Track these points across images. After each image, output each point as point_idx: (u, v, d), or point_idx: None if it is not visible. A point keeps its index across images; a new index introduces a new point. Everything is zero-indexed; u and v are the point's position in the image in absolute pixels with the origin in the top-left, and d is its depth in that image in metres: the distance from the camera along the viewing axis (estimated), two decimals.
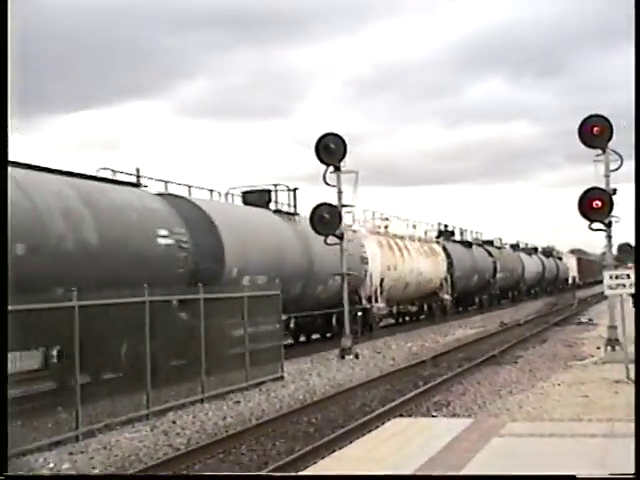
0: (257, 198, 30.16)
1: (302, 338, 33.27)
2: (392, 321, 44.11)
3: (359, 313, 35.26)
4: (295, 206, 31.98)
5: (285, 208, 31.18)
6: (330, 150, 28.55)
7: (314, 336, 33.75)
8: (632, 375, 18.52)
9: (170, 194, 24.21)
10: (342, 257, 28.93)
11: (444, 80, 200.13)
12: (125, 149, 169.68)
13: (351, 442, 12.36)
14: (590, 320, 41.81)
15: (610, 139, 24.63)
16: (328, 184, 28.98)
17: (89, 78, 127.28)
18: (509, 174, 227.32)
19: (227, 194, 29.12)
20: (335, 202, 29.01)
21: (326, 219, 28.41)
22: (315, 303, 29.37)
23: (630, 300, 28.50)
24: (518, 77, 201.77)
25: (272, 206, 30.61)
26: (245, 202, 30.13)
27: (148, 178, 23.36)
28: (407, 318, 46.85)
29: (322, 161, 28.76)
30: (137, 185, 22.66)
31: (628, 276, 20.40)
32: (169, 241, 21.38)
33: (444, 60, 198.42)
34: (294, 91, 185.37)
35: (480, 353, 28.12)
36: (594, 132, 24.56)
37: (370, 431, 13.22)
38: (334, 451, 11.76)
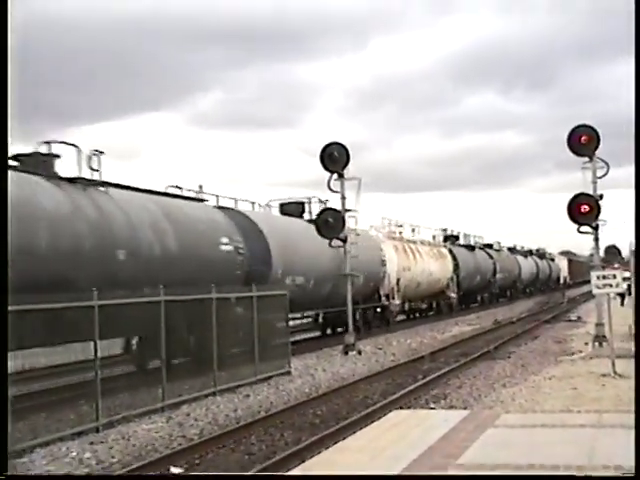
0: (293, 209, 33.06)
1: (329, 331, 35.56)
2: (403, 317, 45.00)
3: (378, 309, 38.15)
4: None
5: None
6: (334, 158, 28.65)
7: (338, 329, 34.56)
8: (618, 370, 18.60)
9: (225, 207, 27.08)
10: (346, 259, 29.02)
11: (440, 93, 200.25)
12: (144, 158, 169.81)
13: (354, 433, 12.37)
14: (579, 318, 41.73)
15: (597, 147, 24.72)
16: (332, 190, 29.08)
17: (111, 92, 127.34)
18: (502, 181, 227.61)
19: (267, 205, 32.05)
20: (339, 207, 29.10)
21: (330, 223, 28.51)
22: (342, 301, 30.54)
23: (618, 299, 28.66)
24: (510, 90, 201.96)
25: (306, 216, 32.88)
26: (282, 212, 32.87)
27: (202, 193, 26.59)
28: (417, 314, 48.00)
29: (327, 168, 28.82)
30: (201, 200, 26.01)
31: (614, 276, 20.44)
32: (229, 247, 24.24)
33: (440, 74, 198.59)
34: (301, 103, 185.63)
35: (475, 349, 28.07)
36: (582, 141, 24.65)
37: (372, 422, 13.22)
38: (338, 441, 11.78)
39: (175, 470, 12.14)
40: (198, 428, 15.17)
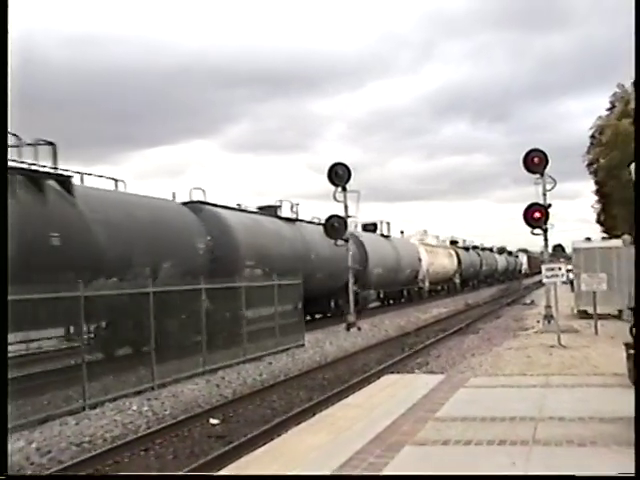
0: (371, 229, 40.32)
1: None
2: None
3: (416, 289, 46.78)
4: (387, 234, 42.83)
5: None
6: (338, 175, 28.73)
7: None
8: (562, 342, 18.53)
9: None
10: (349, 255, 28.93)
11: (422, 124, 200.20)
12: (188, 175, 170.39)
13: (354, 392, 12.36)
14: (532, 301, 41.61)
15: (546, 167, 24.68)
16: (337, 200, 29.09)
17: (164, 123, 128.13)
18: (472, 193, 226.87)
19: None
20: (342, 214, 29.06)
21: (336, 227, 28.56)
22: (398, 283, 40.95)
23: (569, 286, 28.48)
24: (477, 121, 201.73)
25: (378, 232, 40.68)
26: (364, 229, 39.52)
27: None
28: (433, 293, 52.28)
29: (332, 183, 28.83)
30: (295, 220, 29.58)
31: (560, 268, 20.38)
32: (300, 252, 27.55)
33: (422, 109, 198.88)
34: (312, 132, 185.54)
35: (451, 326, 28.06)
36: (534, 162, 24.59)
37: (369, 384, 13.23)
38: (342, 399, 11.78)
39: (213, 421, 12.14)
40: (231, 388, 15.20)
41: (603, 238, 39.38)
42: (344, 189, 28.93)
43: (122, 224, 17.36)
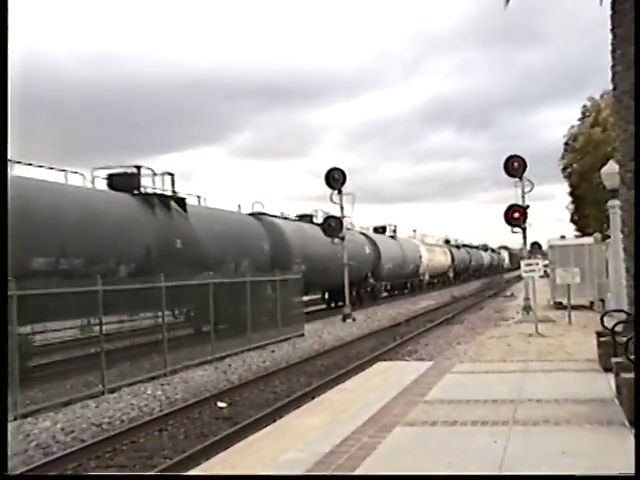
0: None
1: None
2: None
3: (417, 281, 49.99)
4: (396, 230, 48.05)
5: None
6: (335, 179, 28.74)
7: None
8: (540, 331, 18.59)
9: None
10: (345, 252, 28.96)
11: (411, 132, 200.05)
12: (196, 179, 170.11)
13: (350, 378, 12.35)
14: (512, 294, 41.65)
15: (524, 171, 24.78)
16: (333, 202, 29.09)
17: (173, 131, 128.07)
18: (457, 195, 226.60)
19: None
20: (338, 214, 29.09)
21: (332, 226, 28.56)
22: (403, 276, 44.78)
23: (546, 279, 28.45)
24: (462, 130, 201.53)
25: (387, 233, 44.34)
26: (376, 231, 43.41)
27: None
28: (431, 285, 54.93)
29: (329, 186, 28.84)
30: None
31: (537, 264, 20.44)
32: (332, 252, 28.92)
33: (411, 118, 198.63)
34: (310, 139, 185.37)
35: (438, 317, 28.09)
36: (514, 166, 24.68)
37: (363, 370, 13.24)
38: (339, 384, 11.79)
39: (221, 404, 12.16)
40: (237, 374, 15.23)
41: (576, 236, 39.51)
42: (340, 192, 28.95)
43: (217, 232, 21.20)
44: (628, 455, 5.38)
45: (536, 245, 44.62)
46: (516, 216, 24.44)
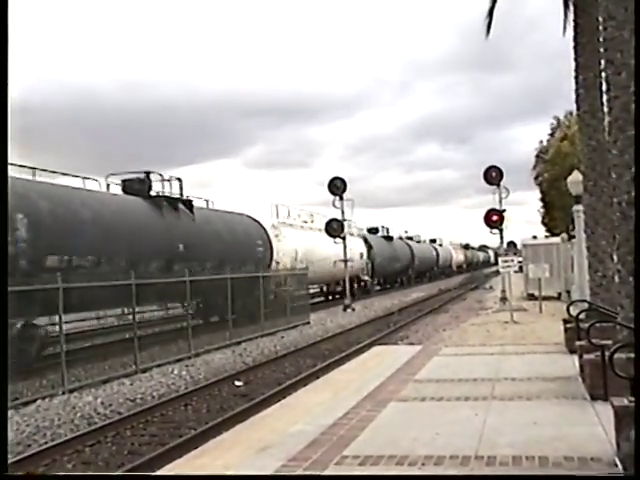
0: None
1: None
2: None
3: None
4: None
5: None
6: (336, 186, 28.77)
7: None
8: (515, 319, 18.58)
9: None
10: (345, 250, 28.95)
11: (401, 146, 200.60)
12: (215, 187, 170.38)
13: (350, 360, 12.34)
14: (490, 287, 41.56)
15: (501, 179, 24.85)
16: (335, 207, 29.12)
17: (194, 145, 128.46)
18: (442, 201, 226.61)
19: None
20: (340, 217, 29.07)
21: (334, 228, 28.58)
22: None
23: (520, 274, 28.44)
24: (446, 143, 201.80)
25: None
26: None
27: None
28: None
29: (332, 193, 28.86)
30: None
31: (513, 260, 20.44)
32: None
33: (401, 134, 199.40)
34: (314, 152, 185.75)
35: (427, 307, 28.04)
36: (492, 176, 24.74)
37: (362, 353, 13.22)
38: (340, 365, 11.79)
39: (238, 383, 12.16)
40: (251, 357, 15.25)
41: (546, 236, 39.37)
42: (341, 198, 28.94)
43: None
44: (589, 424, 5.54)
45: (512, 244, 44.49)
46: (494, 219, 24.49)
